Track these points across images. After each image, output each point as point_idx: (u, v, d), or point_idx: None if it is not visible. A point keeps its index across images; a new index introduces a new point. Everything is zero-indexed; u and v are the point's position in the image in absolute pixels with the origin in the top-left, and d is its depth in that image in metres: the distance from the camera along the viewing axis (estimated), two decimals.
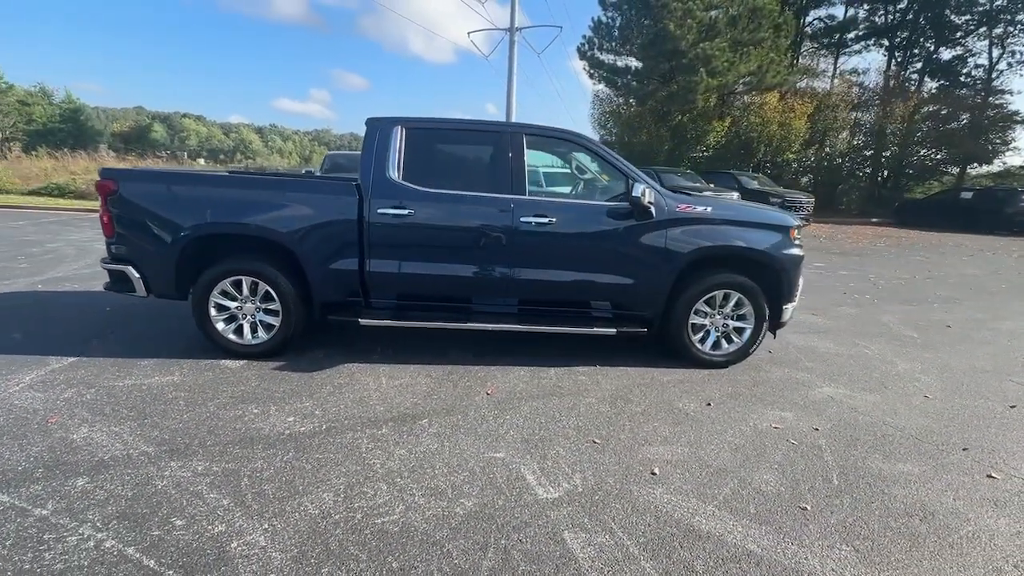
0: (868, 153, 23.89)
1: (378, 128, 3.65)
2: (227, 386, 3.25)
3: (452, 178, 3.73)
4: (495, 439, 2.77)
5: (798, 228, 4.01)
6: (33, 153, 20.76)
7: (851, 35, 26.19)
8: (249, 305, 3.65)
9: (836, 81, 24.77)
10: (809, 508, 2.30)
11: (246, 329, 3.68)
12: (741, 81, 18.26)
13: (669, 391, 3.49)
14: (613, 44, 20.09)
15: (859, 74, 25.61)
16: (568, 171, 5.95)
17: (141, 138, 25.70)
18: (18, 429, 2.62)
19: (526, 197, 3.66)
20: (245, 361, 3.64)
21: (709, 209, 3.83)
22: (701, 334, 3.94)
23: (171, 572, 1.77)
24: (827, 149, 21.97)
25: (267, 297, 3.63)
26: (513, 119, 20.52)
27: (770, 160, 20.62)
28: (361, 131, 3.71)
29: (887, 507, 2.32)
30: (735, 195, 12.11)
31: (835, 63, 26.60)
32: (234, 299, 3.64)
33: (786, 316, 3.97)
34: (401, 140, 3.65)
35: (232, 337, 3.67)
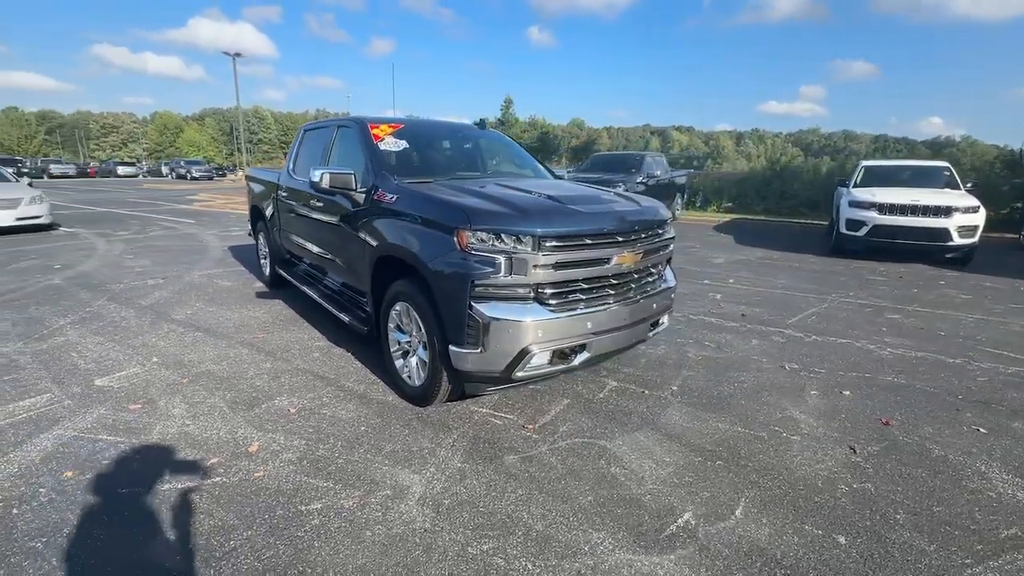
0: None
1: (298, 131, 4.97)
2: (227, 292, 5.61)
3: (310, 167, 4.56)
4: (170, 350, 3.83)
5: (489, 232, 2.49)
6: None
7: None
8: (264, 250, 5.87)
9: None
10: None
11: (266, 266, 5.94)
12: None
13: (330, 391, 3.27)
14: None
15: None
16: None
17: (587, 149, 33.74)
18: (152, 282, 5.86)
19: None
20: (261, 285, 5.94)
21: (395, 198, 3.03)
22: (401, 351, 3.19)
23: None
24: None
25: None
26: None
27: None
28: (857, 127, 4.85)
29: None
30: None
31: None
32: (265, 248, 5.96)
33: (457, 362, 2.61)
34: (302, 139, 4.82)
35: (263, 268, 6.03)
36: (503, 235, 2.53)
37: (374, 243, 3.20)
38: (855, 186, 9.02)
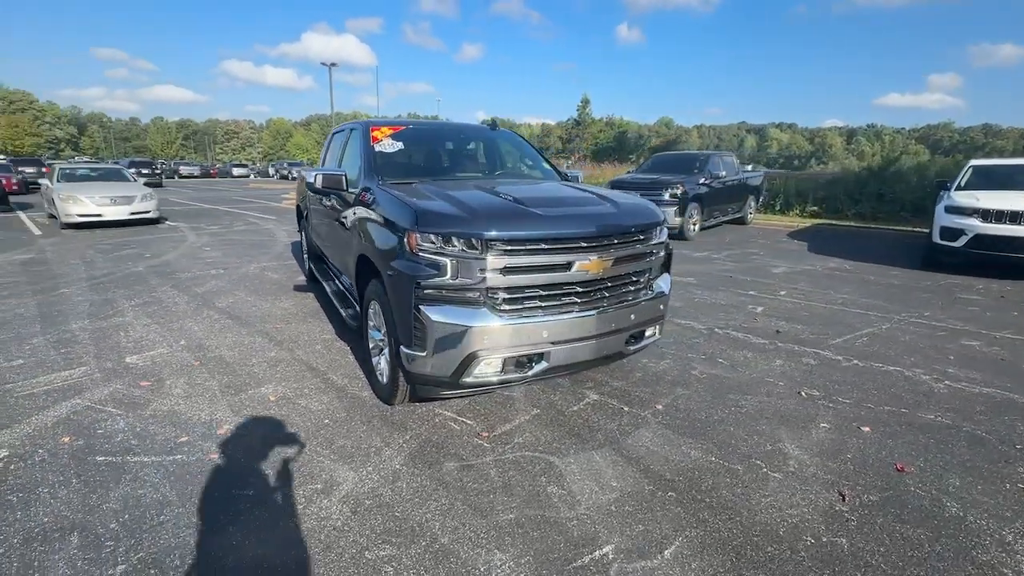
0: None
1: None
2: (270, 285, 6.08)
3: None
4: (198, 334, 4.21)
5: (436, 234, 2.45)
6: (592, 164, 30.57)
7: None
8: (305, 245, 6.27)
9: None
10: None
11: (307, 261, 6.35)
12: None
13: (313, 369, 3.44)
14: None
15: None
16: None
17: (667, 148, 32.40)
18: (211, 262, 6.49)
19: None
20: (304, 279, 6.36)
21: (372, 198, 3.08)
22: (377, 349, 3.24)
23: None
24: None
25: None
26: None
27: None
28: (1004, 120, 4.84)
29: None
30: None
31: None
32: None
33: (407, 364, 2.61)
34: (330, 141, 5.09)
35: (304, 263, 6.46)
36: (452, 238, 2.48)
37: (356, 243, 3.29)
38: (958, 189, 7.76)
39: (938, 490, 2.35)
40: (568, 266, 2.61)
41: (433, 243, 2.49)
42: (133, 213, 11.06)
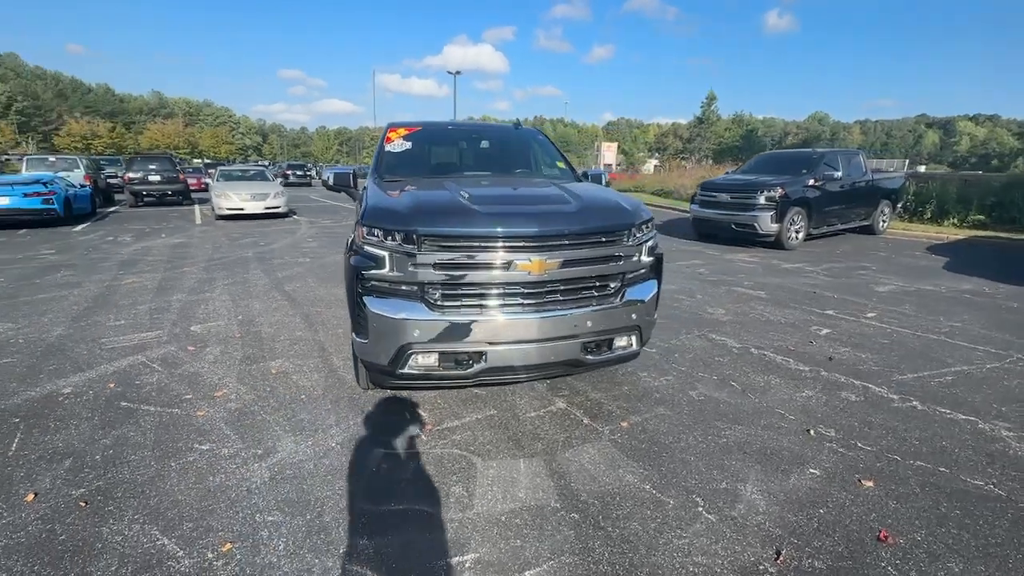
0: None
1: None
2: (338, 273, 6.75)
3: None
4: (255, 311, 4.85)
5: (375, 229, 2.56)
6: (711, 165, 28.35)
7: None
8: None
9: None
10: None
11: None
12: None
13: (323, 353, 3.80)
14: None
15: None
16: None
17: (804, 145, 28.72)
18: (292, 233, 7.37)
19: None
20: None
21: (363, 194, 3.27)
22: None
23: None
24: None
25: None
26: None
27: None
28: None
29: None
30: None
31: None
32: None
33: (356, 350, 2.82)
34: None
35: None
36: (393, 232, 2.57)
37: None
38: None
39: (919, 573, 1.84)
40: (508, 265, 2.54)
41: (376, 237, 2.61)
42: (267, 208, 13.01)
